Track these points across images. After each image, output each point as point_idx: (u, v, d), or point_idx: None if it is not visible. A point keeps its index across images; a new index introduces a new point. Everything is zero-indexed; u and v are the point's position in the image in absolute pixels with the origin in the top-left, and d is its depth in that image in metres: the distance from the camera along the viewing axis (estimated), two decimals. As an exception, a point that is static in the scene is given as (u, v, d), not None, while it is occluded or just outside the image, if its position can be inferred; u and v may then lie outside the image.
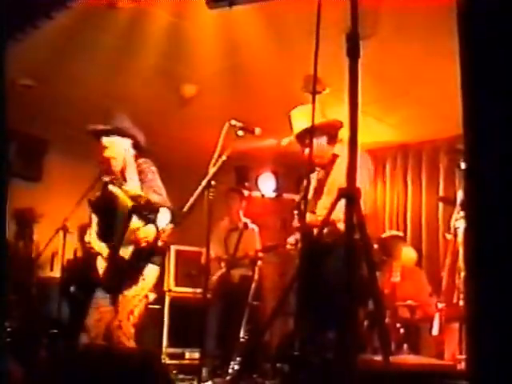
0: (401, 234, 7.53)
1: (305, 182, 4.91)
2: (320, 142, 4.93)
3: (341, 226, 3.65)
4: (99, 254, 5.83)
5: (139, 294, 4.78)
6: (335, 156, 4.93)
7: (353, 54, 2.50)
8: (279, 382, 5.52)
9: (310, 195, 4.89)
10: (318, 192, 4.91)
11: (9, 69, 2.78)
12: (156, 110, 7.17)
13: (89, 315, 4.79)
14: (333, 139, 4.99)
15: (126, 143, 4.96)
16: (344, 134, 4.83)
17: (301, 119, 4.87)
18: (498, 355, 1.60)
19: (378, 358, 3.32)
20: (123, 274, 4.81)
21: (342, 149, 4.87)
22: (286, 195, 7.36)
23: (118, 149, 4.94)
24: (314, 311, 4.32)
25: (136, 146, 5.02)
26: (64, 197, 6.91)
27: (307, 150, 4.83)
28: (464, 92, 1.77)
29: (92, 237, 5.89)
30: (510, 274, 1.60)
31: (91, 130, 4.93)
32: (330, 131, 4.93)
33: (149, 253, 4.83)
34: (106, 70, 6.26)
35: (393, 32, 5.25)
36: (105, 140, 4.91)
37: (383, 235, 7.34)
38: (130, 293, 4.75)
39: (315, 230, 4.46)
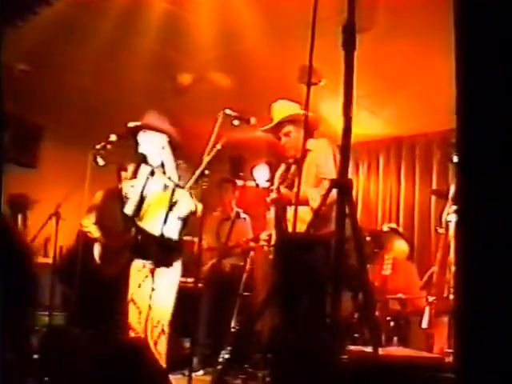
0: (399, 228, 7.53)
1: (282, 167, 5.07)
2: (297, 135, 4.96)
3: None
4: (96, 239, 6.00)
5: None
6: (307, 151, 4.85)
7: (348, 46, 2.50)
8: (269, 373, 5.54)
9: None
10: (290, 186, 4.92)
11: (6, 54, 2.78)
12: (152, 98, 7.15)
13: None
14: (310, 135, 4.96)
15: (163, 140, 5.05)
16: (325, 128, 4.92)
17: (279, 111, 4.97)
18: (485, 349, 1.61)
19: (368, 349, 3.34)
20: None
21: (314, 144, 4.90)
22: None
23: (153, 146, 5.05)
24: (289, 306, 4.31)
25: (172, 144, 5.12)
26: (59, 183, 6.91)
27: (284, 140, 5.01)
28: (458, 86, 1.78)
29: (89, 222, 6.05)
30: (500, 268, 1.61)
31: (127, 129, 5.07)
32: (308, 125, 4.84)
33: None
34: (102, 58, 6.25)
35: (388, 26, 5.25)
36: (140, 136, 5.05)
37: (384, 227, 7.36)
38: None
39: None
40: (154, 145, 5.05)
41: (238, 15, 5.26)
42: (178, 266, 5.19)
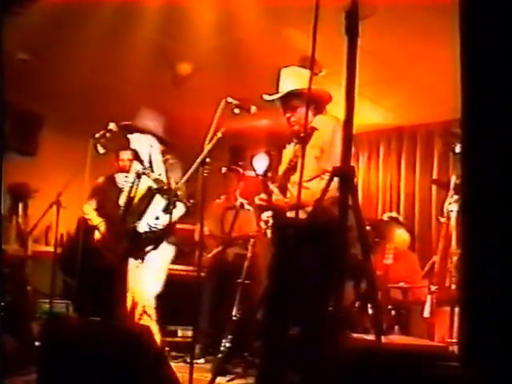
0: (399, 217, 7.52)
1: (295, 147, 4.60)
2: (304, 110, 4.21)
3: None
4: (96, 227, 6.04)
5: None
6: (313, 129, 4.42)
7: (351, 31, 2.49)
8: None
9: (283, 170, 4.64)
10: (294, 167, 4.49)
11: (5, 42, 2.76)
12: (152, 87, 7.14)
13: None
14: (319, 110, 4.52)
15: (150, 139, 5.47)
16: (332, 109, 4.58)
17: (290, 80, 4.51)
18: (490, 338, 1.62)
19: (370, 337, 3.34)
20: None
21: (321, 121, 4.47)
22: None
23: (142, 144, 5.48)
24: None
25: (161, 141, 5.54)
26: (59, 172, 6.90)
27: (288, 114, 4.51)
28: (463, 77, 1.77)
29: (90, 209, 6.12)
30: (503, 258, 1.61)
31: (119, 126, 5.53)
32: (317, 101, 4.46)
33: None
34: (101, 47, 6.23)
35: (390, 14, 5.23)
36: (130, 136, 5.50)
37: (384, 216, 7.36)
38: None
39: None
40: (142, 143, 5.48)
41: (237, 3, 5.24)
42: (166, 252, 5.47)
